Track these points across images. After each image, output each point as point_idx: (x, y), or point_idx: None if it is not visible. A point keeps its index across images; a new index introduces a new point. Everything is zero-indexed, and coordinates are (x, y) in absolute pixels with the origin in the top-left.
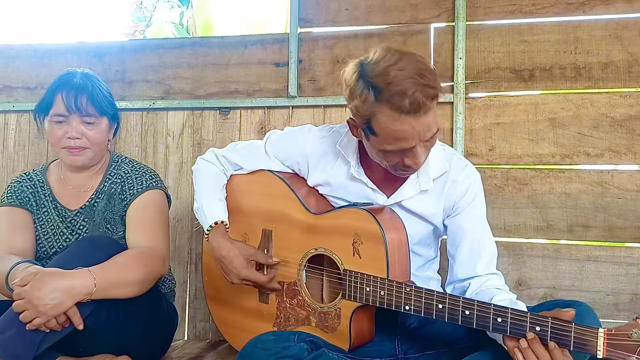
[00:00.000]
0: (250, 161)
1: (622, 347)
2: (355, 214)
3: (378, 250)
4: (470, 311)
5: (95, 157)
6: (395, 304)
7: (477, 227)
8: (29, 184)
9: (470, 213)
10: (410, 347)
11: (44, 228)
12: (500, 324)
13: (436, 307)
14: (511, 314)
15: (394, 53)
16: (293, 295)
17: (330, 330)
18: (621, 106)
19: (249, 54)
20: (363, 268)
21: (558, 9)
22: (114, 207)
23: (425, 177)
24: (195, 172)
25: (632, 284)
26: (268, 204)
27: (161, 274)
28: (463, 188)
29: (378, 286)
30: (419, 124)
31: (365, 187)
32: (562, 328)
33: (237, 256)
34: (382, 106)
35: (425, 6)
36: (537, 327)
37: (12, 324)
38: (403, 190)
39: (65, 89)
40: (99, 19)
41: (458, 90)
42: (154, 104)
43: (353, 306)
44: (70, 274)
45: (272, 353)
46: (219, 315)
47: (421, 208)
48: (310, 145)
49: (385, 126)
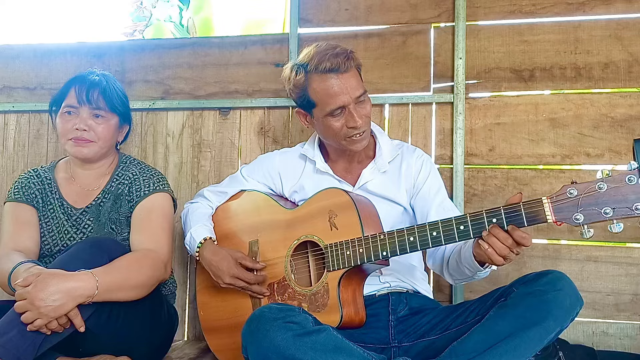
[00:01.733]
0: (231, 186)
1: (566, 207)
2: (327, 194)
3: (351, 216)
4: (436, 232)
5: (100, 153)
6: (373, 255)
7: (439, 194)
8: (36, 180)
9: (429, 185)
10: (404, 337)
11: (49, 225)
12: (464, 230)
13: (408, 241)
14: (470, 217)
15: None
16: (283, 290)
17: (322, 307)
18: (621, 106)
19: (249, 54)
20: (342, 237)
21: (558, 9)
22: (120, 207)
23: (380, 161)
24: (183, 216)
25: (632, 284)
26: (251, 217)
27: (163, 278)
28: (417, 167)
29: (356, 246)
30: (344, 80)
31: (332, 178)
32: (513, 210)
33: (226, 257)
34: (311, 76)
35: (425, 6)
36: (493, 219)
37: (13, 325)
38: (364, 175)
39: (79, 82)
40: (98, 19)
41: (458, 90)
42: (154, 104)
43: (338, 275)
44: (73, 276)
45: (279, 317)
46: (217, 344)
47: (385, 189)
48: (279, 159)
49: (319, 90)
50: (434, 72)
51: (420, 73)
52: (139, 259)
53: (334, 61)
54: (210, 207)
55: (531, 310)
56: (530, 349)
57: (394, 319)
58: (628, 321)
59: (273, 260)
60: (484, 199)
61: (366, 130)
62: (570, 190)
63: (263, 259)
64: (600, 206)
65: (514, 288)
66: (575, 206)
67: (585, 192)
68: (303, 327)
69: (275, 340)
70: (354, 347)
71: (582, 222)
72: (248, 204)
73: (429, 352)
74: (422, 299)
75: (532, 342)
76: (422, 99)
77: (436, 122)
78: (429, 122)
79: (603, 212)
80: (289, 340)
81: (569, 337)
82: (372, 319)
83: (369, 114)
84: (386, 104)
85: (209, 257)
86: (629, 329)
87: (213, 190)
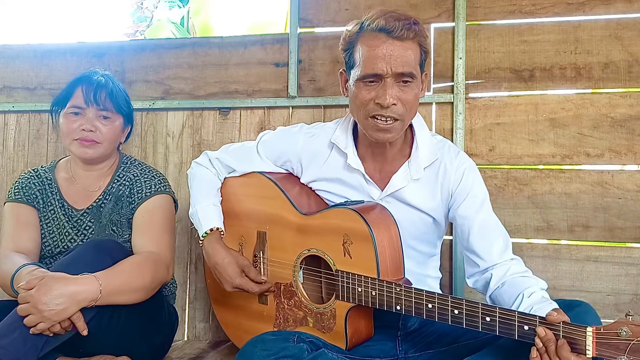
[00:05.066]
0: (242, 163)
1: (612, 346)
2: (343, 214)
3: (368, 250)
4: (459, 310)
5: (105, 154)
6: (386, 304)
7: (481, 213)
8: (37, 180)
9: (471, 201)
10: (410, 347)
11: (50, 227)
12: (489, 323)
13: (426, 307)
14: (500, 313)
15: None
16: (290, 296)
17: (327, 330)
18: (621, 106)
19: (248, 54)
20: (354, 268)
21: (558, 9)
22: (121, 209)
23: (415, 166)
24: (190, 176)
25: (632, 284)
26: (261, 206)
27: (165, 281)
28: (457, 176)
29: (369, 286)
30: (393, 47)
31: (362, 178)
32: (550, 327)
33: (231, 263)
34: (364, 32)
35: (425, 6)
36: (525, 326)
37: (15, 328)
38: (394, 181)
39: (85, 83)
40: (99, 19)
41: (458, 90)
42: (154, 104)
43: (347, 307)
44: (76, 279)
45: (271, 353)
46: (223, 317)
47: (416, 198)
48: (302, 143)
49: (363, 47)
50: (433, 72)
51: None
52: (141, 263)
53: (391, 22)
54: (218, 179)
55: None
56: None
57: (402, 333)
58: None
59: (281, 260)
60: None
61: (397, 121)
62: (623, 329)
63: (271, 255)
64: None
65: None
66: (622, 350)
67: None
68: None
69: None
70: None
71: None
72: (260, 190)
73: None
74: None
75: None
76: (422, 99)
77: (436, 122)
78: (429, 122)
79: None
80: None
81: None
82: (379, 330)
83: (409, 102)
84: None
85: (214, 258)
86: None
87: (222, 159)
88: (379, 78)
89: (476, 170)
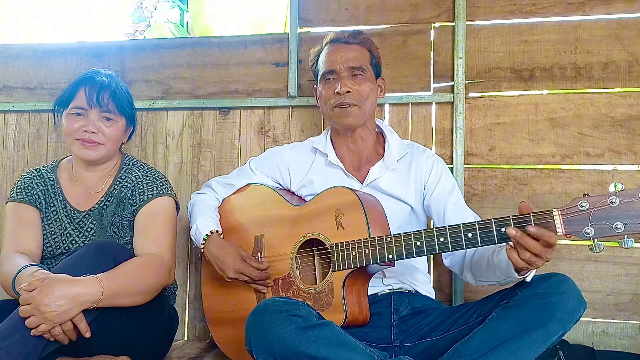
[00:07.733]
0: (241, 178)
1: (577, 219)
2: (334, 192)
3: (358, 215)
4: (444, 237)
5: (107, 155)
6: (379, 257)
7: (453, 194)
8: (39, 181)
9: (442, 185)
10: (406, 336)
11: (52, 227)
12: (472, 238)
13: (415, 245)
14: (478, 226)
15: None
16: (288, 287)
17: (326, 306)
18: (621, 106)
19: (248, 54)
20: (348, 237)
21: (558, 9)
22: (123, 211)
23: (389, 159)
24: (190, 206)
25: (632, 284)
26: (258, 211)
27: (167, 283)
28: (428, 167)
29: (362, 247)
30: (343, 49)
31: (342, 173)
32: (523, 220)
33: (231, 252)
34: (323, 47)
35: (425, 6)
36: (502, 228)
37: (17, 329)
38: (373, 172)
39: (88, 83)
40: (99, 19)
41: (458, 90)
42: (154, 104)
43: (343, 275)
44: (78, 281)
45: (283, 309)
46: (220, 336)
47: (392, 186)
48: (288, 154)
49: (322, 56)
50: (434, 72)
51: (420, 73)
52: (143, 265)
53: (340, 34)
54: (216, 199)
55: (535, 313)
56: (533, 351)
57: (396, 318)
58: (628, 321)
59: (278, 256)
60: (484, 199)
61: (355, 106)
62: (581, 203)
63: (268, 254)
64: (611, 221)
65: (517, 290)
66: (586, 220)
67: (597, 205)
68: (307, 321)
69: (279, 333)
70: (357, 343)
71: (592, 236)
72: (254, 198)
73: (431, 353)
74: (424, 299)
75: (535, 345)
76: (422, 99)
77: (436, 121)
78: (429, 122)
79: (614, 227)
80: (292, 333)
81: (569, 336)
82: (374, 317)
83: (362, 92)
84: (386, 103)
85: (215, 251)
86: (629, 329)
87: (221, 181)
88: (335, 74)
89: (444, 164)
